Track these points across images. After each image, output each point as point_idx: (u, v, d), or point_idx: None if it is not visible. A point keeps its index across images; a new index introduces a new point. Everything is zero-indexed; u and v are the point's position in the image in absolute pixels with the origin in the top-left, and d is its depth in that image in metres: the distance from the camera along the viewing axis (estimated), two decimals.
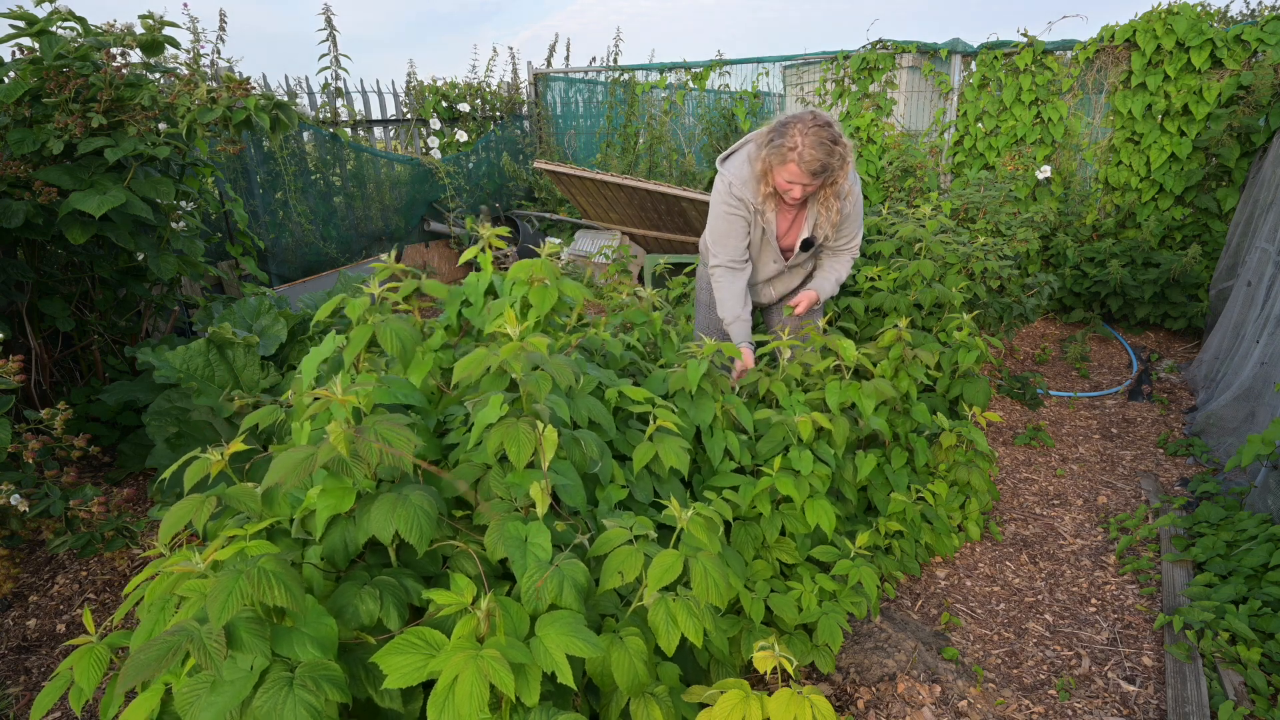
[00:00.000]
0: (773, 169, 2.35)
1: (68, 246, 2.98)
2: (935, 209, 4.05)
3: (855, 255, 2.74)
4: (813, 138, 2.24)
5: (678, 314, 3.78)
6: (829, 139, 2.26)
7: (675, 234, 5.57)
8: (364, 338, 1.65)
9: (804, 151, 2.25)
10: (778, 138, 2.30)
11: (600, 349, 2.24)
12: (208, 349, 2.96)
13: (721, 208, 2.51)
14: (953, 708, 1.97)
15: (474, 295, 1.91)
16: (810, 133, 2.24)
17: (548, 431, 1.41)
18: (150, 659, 1.02)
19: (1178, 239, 4.97)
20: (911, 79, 5.50)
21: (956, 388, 2.94)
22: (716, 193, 2.53)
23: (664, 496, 1.88)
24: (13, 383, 2.15)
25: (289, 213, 5.26)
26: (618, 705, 1.42)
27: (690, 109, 6.96)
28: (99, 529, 2.35)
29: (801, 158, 2.26)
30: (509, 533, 1.38)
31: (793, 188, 2.35)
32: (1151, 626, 2.29)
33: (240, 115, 2.98)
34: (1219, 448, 3.26)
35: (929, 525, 2.58)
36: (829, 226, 2.54)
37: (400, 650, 1.14)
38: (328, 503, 1.31)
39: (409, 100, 6.62)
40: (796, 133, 2.25)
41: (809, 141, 2.24)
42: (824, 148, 2.25)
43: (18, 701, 2.06)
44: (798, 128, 2.26)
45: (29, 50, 2.80)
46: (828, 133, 2.26)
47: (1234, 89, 4.48)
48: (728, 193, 2.48)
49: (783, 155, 2.29)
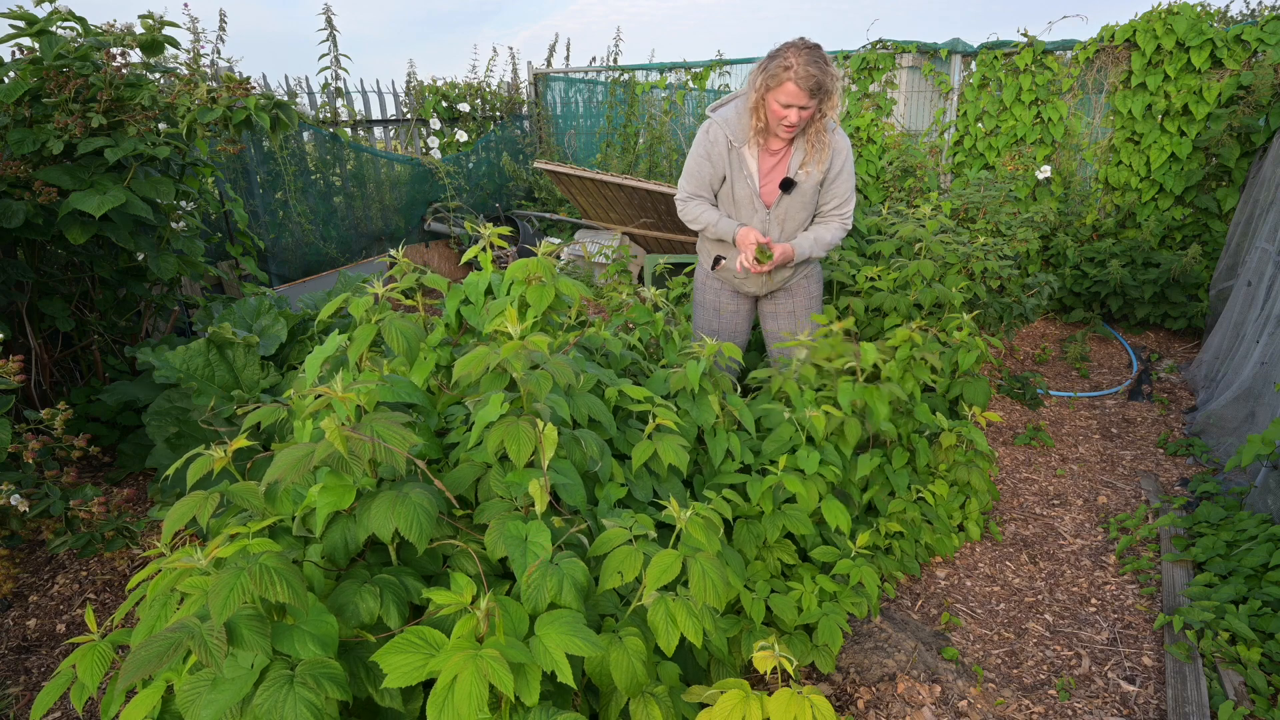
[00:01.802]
0: (768, 95, 2.38)
1: (68, 246, 2.98)
2: (935, 209, 4.06)
3: (846, 225, 2.66)
4: (805, 56, 2.30)
5: (678, 314, 3.78)
6: (822, 58, 2.32)
7: (675, 234, 5.57)
8: (368, 336, 1.65)
9: (799, 69, 2.28)
10: (770, 63, 2.34)
11: (600, 348, 2.24)
12: (208, 349, 2.96)
13: (695, 147, 2.58)
14: (953, 708, 1.97)
15: (473, 294, 1.91)
16: (803, 52, 2.30)
17: (547, 430, 1.41)
18: (151, 655, 1.02)
19: (1178, 239, 4.97)
20: (911, 79, 5.51)
21: (957, 388, 2.94)
22: (699, 133, 2.59)
23: (664, 495, 1.88)
24: (13, 383, 2.15)
25: (289, 213, 5.26)
26: (617, 705, 1.42)
27: (690, 109, 6.96)
28: (99, 529, 2.35)
29: (797, 74, 2.29)
30: (509, 532, 1.38)
31: (789, 112, 2.37)
32: (1151, 626, 2.29)
33: (240, 115, 2.98)
34: (1219, 448, 3.26)
35: (929, 525, 2.58)
36: (815, 167, 2.52)
37: (400, 649, 1.14)
38: (328, 500, 1.31)
39: (409, 100, 6.62)
40: (790, 54, 2.31)
41: (803, 59, 2.29)
42: (818, 65, 2.30)
43: (18, 701, 2.06)
44: (789, 50, 2.32)
45: (29, 50, 2.80)
46: (819, 52, 2.33)
47: (1234, 89, 4.48)
48: (705, 133, 2.55)
49: (778, 76, 2.32)
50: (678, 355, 2.63)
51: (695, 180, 2.62)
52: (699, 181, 2.61)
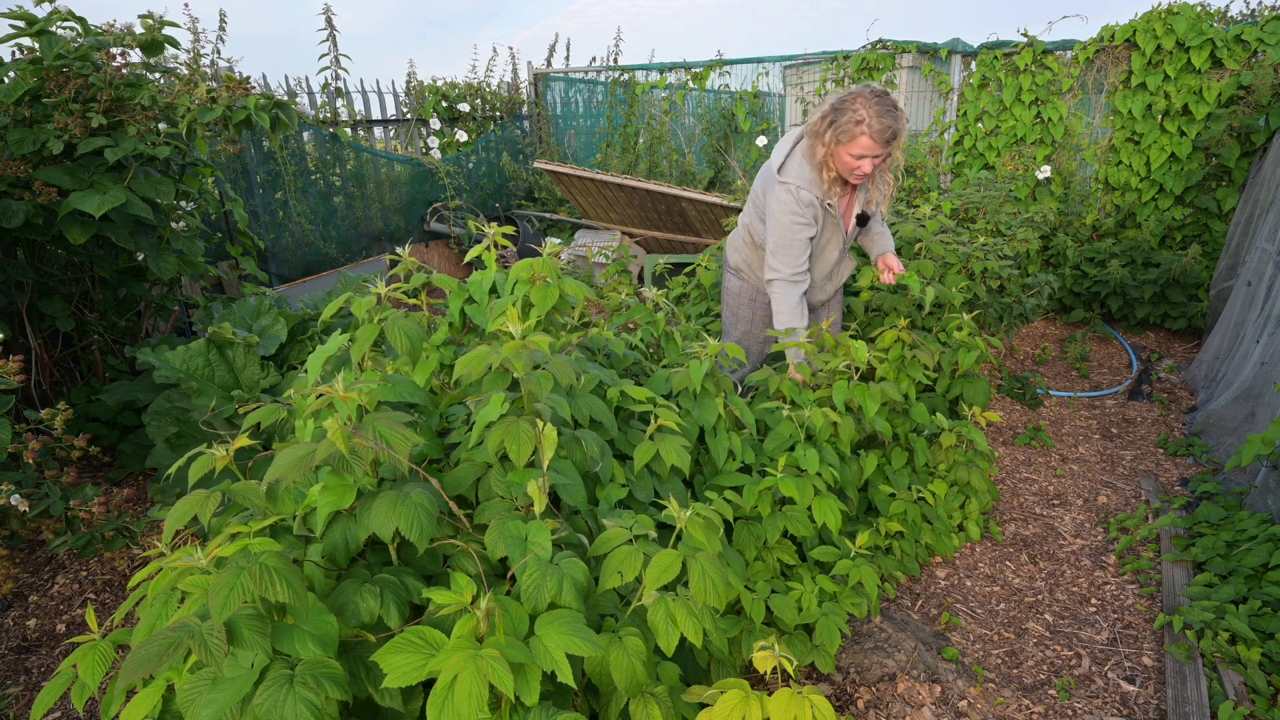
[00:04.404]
0: (838, 150, 2.34)
1: (68, 246, 2.98)
2: (935, 209, 4.06)
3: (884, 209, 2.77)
4: (876, 106, 2.26)
5: (679, 314, 3.79)
6: (891, 105, 2.29)
7: (675, 234, 5.57)
8: (371, 335, 1.65)
9: (872, 122, 2.25)
10: (839, 117, 2.30)
11: (603, 348, 2.24)
12: (208, 349, 2.96)
13: (789, 218, 2.45)
14: (953, 708, 1.97)
15: (478, 293, 1.91)
16: (874, 103, 2.26)
17: (547, 430, 1.41)
18: (151, 654, 1.02)
19: (1178, 239, 4.97)
20: (911, 79, 5.51)
21: (956, 388, 2.94)
22: (781, 204, 2.44)
23: (665, 496, 1.88)
24: (13, 383, 2.15)
25: (289, 213, 5.26)
26: (617, 705, 1.42)
27: (690, 109, 6.96)
28: (99, 529, 2.35)
29: (871, 128, 2.26)
30: (509, 532, 1.38)
31: (862, 163, 2.34)
32: (1151, 626, 2.29)
33: (240, 115, 2.98)
34: (1219, 448, 3.26)
35: (929, 525, 2.58)
36: (880, 195, 2.55)
37: (400, 649, 1.14)
38: (328, 499, 1.31)
39: (409, 100, 6.62)
40: (859, 106, 2.27)
41: (874, 111, 2.25)
42: (891, 114, 2.27)
43: (18, 701, 2.05)
44: (859, 102, 2.28)
45: (29, 50, 2.80)
46: (889, 100, 2.29)
47: (1234, 89, 4.48)
48: (795, 202, 2.42)
49: (850, 132, 2.28)
50: (679, 355, 2.63)
51: (795, 262, 2.50)
52: (799, 262, 2.51)
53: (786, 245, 2.49)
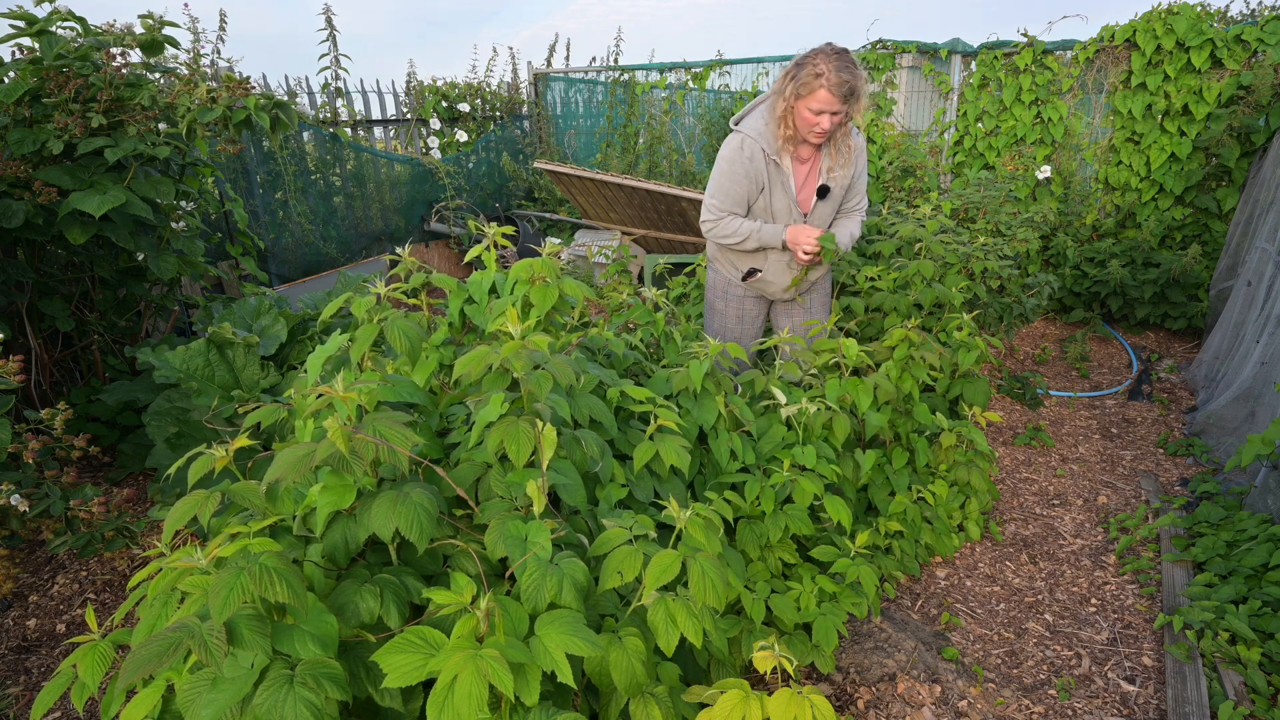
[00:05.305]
0: (797, 104, 2.36)
1: (68, 246, 2.98)
2: (935, 209, 4.06)
3: (864, 216, 2.75)
4: (836, 62, 2.28)
5: (679, 314, 3.79)
6: (850, 61, 2.31)
7: (675, 234, 5.57)
8: (370, 336, 1.65)
9: (831, 75, 2.27)
10: (799, 72, 2.33)
11: (603, 348, 2.24)
12: (208, 349, 2.96)
13: (726, 164, 2.49)
14: (953, 708, 1.97)
15: (478, 293, 1.91)
16: (833, 58, 2.29)
17: (547, 430, 1.41)
18: (152, 654, 1.02)
19: (1178, 239, 4.97)
20: (911, 79, 5.51)
21: (957, 388, 2.94)
22: (726, 148, 2.50)
23: (665, 496, 1.88)
24: (13, 383, 2.15)
25: (289, 213, 5.25)
26: (617, 705, 1.42)
27: (690, 109, 6.96)
28: (99, 529, 2.35)
29: (830, 81, 2.28)
30: (509, 532, 1.38)
31: (820, 119, 2.35)
32: (1151, 626, 2.29)
33: (240, 115, 2.98)
34: (1219, 448, 3.26)
35: (929, 525, 2.58)
36: (842, 170, 2.55)
37: (400, 649, 1.14)
38: (328, 499, 1.31)
39: (409, 100, 6.62)
40: (820, 61, 2.29)
41: (834, 65, 2.28)
42: (849, 70, 2.29)
43: (18, 701, 2.05)
44: (819, 57, 2.30)
45: (29, 50, 2.80)
46: (848, 56, 2.31)
47: (1234, 89, 4.49)
48: (740, 148, 2.47)
49: (810, 85, 2.30)
50: (679, 355, 2.63)
51: (730, 198, 2.54)
52: (734, 199, 2.54)
53: (720, 190, 2.53)
